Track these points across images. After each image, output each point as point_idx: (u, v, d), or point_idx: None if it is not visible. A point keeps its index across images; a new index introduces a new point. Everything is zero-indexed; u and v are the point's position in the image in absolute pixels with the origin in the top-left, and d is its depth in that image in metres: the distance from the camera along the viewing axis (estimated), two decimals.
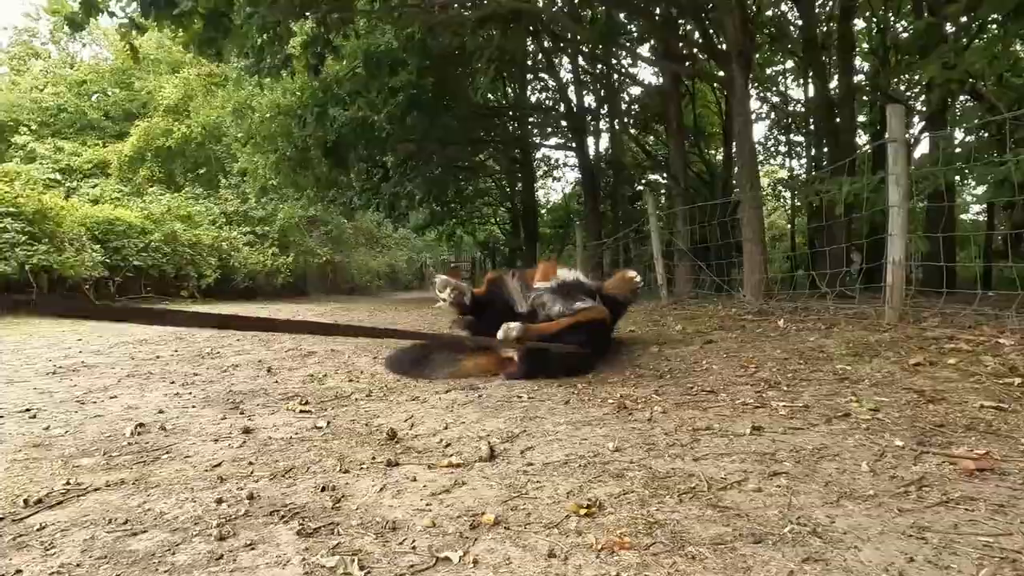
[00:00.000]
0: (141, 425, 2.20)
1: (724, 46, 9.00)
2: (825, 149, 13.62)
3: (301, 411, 2.44)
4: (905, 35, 14.79)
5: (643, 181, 20.13)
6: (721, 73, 13.75)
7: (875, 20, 14.25)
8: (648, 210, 8.00)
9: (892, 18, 14.38)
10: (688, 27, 11.88)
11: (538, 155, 21.90)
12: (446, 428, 2.11)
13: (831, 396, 2.43)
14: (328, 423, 2.19)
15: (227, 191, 18.56)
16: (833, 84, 13.48)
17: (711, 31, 9.84)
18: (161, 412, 2.47)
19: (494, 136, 16.35)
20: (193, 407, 2.57)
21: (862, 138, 16.72)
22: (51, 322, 7.65)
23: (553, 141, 18.40)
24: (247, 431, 2.11)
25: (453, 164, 16.76)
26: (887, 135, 4.08)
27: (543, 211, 25.41)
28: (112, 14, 5.37)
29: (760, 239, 7.81)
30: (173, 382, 3.24)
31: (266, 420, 2.29)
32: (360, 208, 16.13)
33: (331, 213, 19.10)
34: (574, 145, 15.49)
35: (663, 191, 16.86)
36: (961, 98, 11.42)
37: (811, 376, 2.85)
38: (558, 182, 25.85)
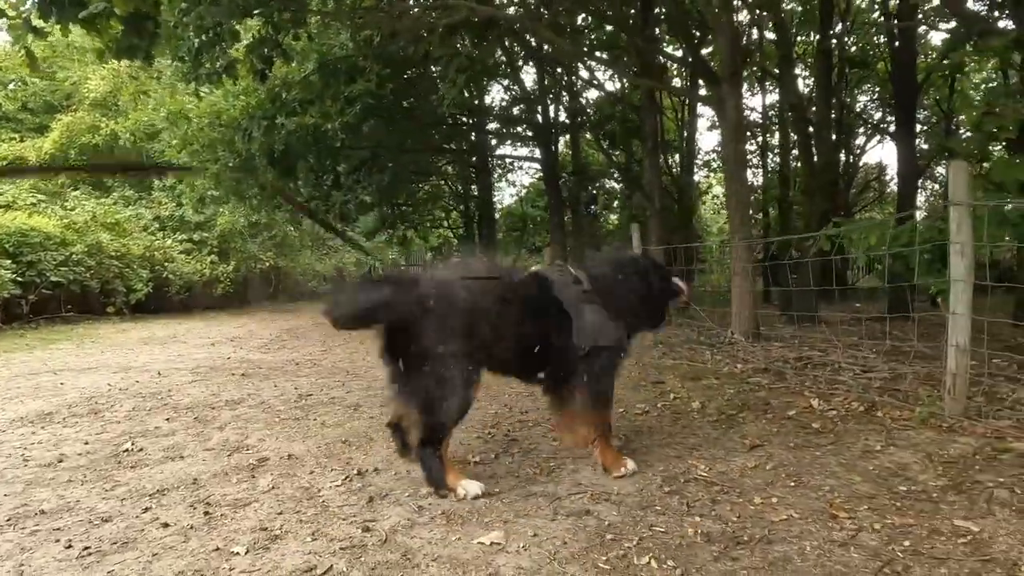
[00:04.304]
0: None
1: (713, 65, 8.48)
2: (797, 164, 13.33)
3: None
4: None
5: (606, 190, 19.70)
6: (700, 89, 13.31)
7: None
8: (632, 241, 7.36)
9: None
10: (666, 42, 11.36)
11: (495, 153, 21.08)
12: None
13: None
14: None
15: (161, 194, 17.08)
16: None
17: (695, 48, 9.28)
18: None
19: (456, 145, 15.53)
20: None
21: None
22: None
23: (523, 151, 17.70)
24: None
25: (409, 171, 15.85)
26: (949, 197, 3.51)
27: (498, 215, 24.65)
28: (2, 13, 4.28)
29: (749, 273, 7.32)
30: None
31: None
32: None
33: (276, 220, 17.90)
34: (539, 156, 14.82)
35: (632, 206, 16.29)
36: None
37: (933, 549, 2.13)
38: (513, 187, 25.02)
